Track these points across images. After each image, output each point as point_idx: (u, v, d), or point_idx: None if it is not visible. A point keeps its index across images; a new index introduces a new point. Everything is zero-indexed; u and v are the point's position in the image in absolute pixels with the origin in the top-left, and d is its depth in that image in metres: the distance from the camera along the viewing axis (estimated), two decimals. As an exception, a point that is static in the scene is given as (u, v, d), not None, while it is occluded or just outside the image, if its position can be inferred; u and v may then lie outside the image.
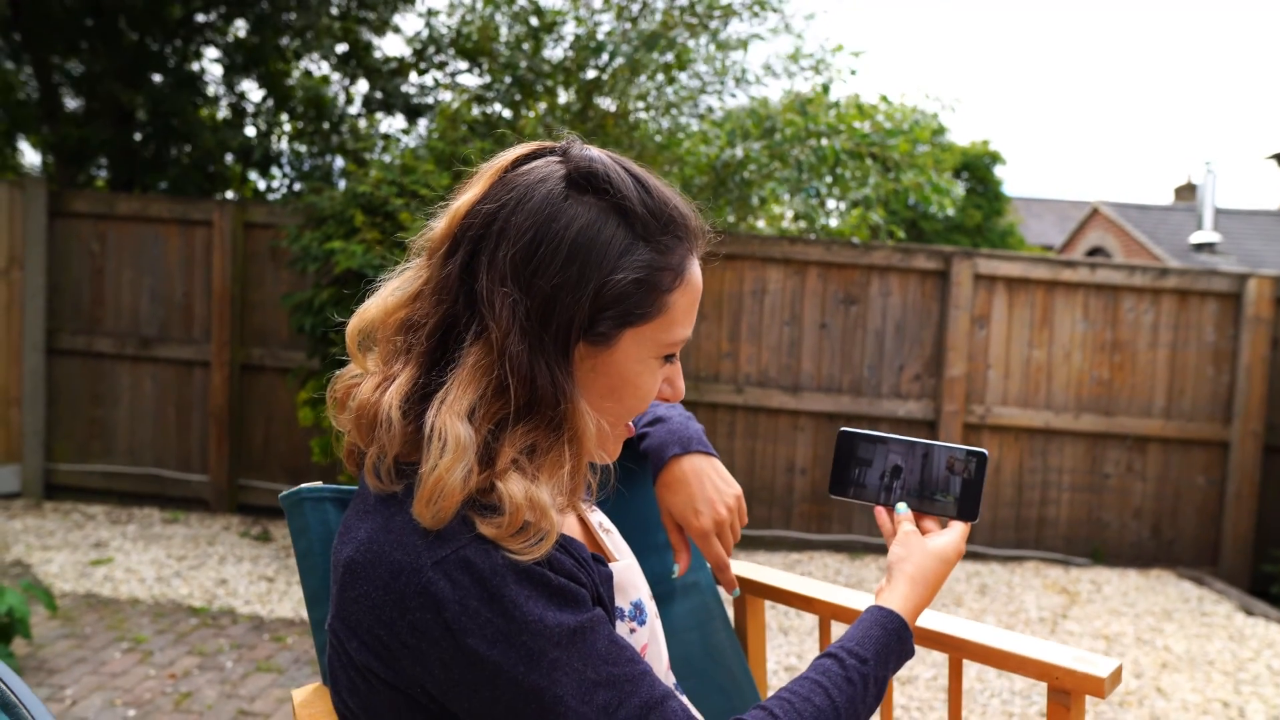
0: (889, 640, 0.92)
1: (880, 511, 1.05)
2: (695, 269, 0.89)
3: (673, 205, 0.87)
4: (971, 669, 3.34)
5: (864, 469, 1.08)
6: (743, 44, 4.84)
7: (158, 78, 5.98)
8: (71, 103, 6.18)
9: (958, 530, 1.01)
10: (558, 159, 0.86)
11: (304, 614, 3.63)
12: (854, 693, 0.87)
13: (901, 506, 1.04)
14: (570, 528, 0.97)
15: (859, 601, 1.25)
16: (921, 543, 0.99)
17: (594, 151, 0.86)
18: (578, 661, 0.76)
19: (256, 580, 4.00)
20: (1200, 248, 12.35)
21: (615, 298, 0.82)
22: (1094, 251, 15.27)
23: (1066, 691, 1.04)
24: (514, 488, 0.77)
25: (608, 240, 0.82)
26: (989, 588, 4.48)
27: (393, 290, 0.87)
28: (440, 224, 0.86)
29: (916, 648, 1.26)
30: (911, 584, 0.97)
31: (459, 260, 0.82)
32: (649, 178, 0.87)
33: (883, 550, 4.95)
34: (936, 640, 1.14)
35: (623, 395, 0.87)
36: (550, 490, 0.79)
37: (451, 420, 0.77)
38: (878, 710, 0.95)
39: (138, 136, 6.03)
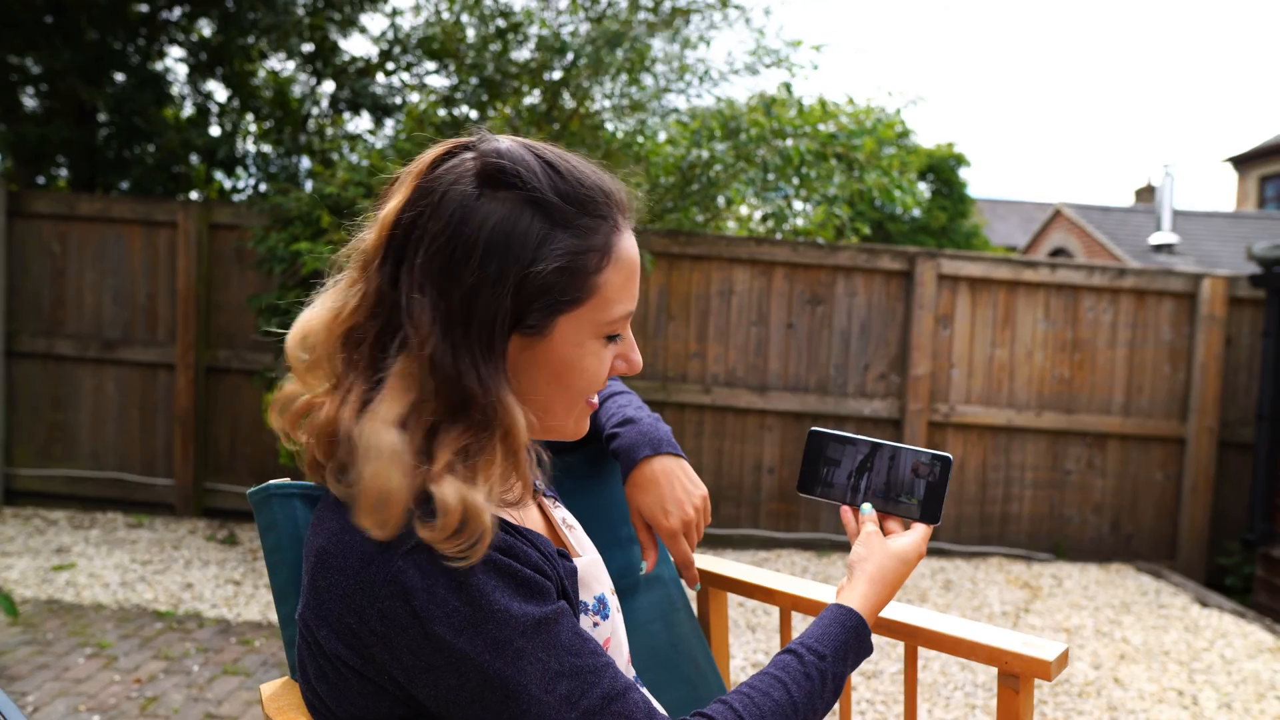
0: (847, 638, 0.95)
1: (846, 511, 1.07)
2: (625, 243, 0.88)
3: (589, 184, 0.86)
4: (936, 664, 3.39)
5: (832, 469, 1.10)
6: (703, 39, 4.86)
7: (120, 76, 5.90)
8: (31, 101, 6.08)
9: (919, 532, 1.03)
10: (471, 156, 0.85)
11: (272, 616, 3.61)
12: (812, 688, 0.90)
13: (866, 507, 1.06)
14: (534, 523, 0.99)
15: (818, 592, 1.28)
16: (883, 543, 1.02)
17: (503, 143, 0.86)
18: (542, 652, 0.78)
19: (223, 584, 3.96)
20: (1159, 248, 12.59)
21: (540, 289, 0.83)
22: (1057, 252, 15.52)
23: (1015, 675, 1.08)
24: (448, 491, 0.77)
25: (524, 233, 0.82)
26: (953, 583, 4.55)
27: (332, 303, 0.87)
28: (371, 235, 0.86)
29: (881, 644, 1.29)
30: (871, 583, 0.99)
31: (387, 271, 0.83)
32: (561, 159, 0.87)
33: (849, 548, 5.01)
34: (892, 629, 1.18)
35: (569, 381, 0.88)
36: (485, 491, 0.79)
37: (377, 429, 0.78)
38: (836, 706, 0.98)
39: (100, 136, 5.95)
